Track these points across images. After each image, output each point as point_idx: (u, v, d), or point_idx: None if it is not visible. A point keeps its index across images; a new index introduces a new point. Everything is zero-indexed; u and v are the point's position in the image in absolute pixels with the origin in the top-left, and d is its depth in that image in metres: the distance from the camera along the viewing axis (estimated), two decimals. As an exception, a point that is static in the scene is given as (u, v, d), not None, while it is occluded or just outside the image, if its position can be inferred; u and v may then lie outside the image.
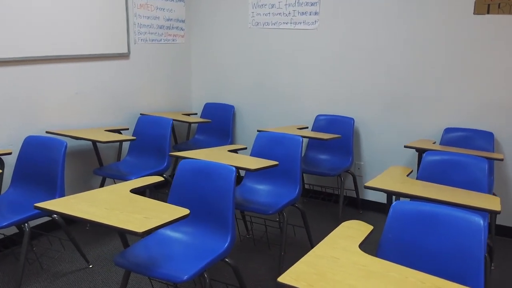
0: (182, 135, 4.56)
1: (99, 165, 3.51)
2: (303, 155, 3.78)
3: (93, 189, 3.62)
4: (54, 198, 2.66)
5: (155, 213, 1.78)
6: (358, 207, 3.95)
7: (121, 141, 3.00)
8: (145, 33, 3.94)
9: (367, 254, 1.51)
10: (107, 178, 3.63)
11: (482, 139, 3.32)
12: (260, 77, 4.23)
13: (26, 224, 2.48)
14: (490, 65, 3.27)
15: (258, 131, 3.37)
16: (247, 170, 2.35)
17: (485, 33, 3.25)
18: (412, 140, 3.63)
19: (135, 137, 3.11)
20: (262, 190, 2.97)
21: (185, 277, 1.89)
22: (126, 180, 3.18)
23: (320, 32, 3.87)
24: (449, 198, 1.94)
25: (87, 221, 1.67)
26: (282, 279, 1.27)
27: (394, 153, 3.73)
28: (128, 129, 3.69)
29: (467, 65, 3.35)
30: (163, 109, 4.29)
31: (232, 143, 4.39)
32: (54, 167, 2.70)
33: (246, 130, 4.41)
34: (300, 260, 1.41)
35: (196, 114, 4.55)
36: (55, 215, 2.65)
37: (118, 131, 3.56)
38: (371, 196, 3.93)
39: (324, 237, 3.32)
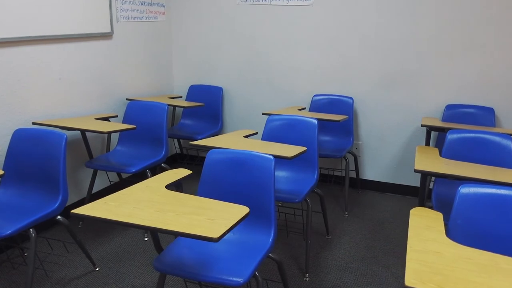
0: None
1: (89, 157, 3.20)
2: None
3: (84, 183, 3.35)
4: (57, 198, 2.37)
5: (213, 212, 1.59)
6: (358, 187, 3.92)
7: (122, 131, 2.72)
8: (127, 10, 3.60)
9: (461, 245, 1.43)
10: (98, 171, 3.33)
11: (483, 115, 3.36)
12: (250, 57, 4.03)
13: (31, 230, 2.18)
14: (490, 40, 3.29)
15: (263, 114, 3.21)
16: (283, 158, 2.19)
17: (485, 6, 3.25)
18: (412, 117, 3.62)
19: (135, 126, 2.84)
20: (280, 177, 2.82)
21: (242, 281, 1.73)
22: (125, 173, 2.94)
23: (315, 8, 3.72)
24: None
25: (150, 228, 1.45)
26: (409, 283, 1.15)
27: (393, 132, 3.71)
28: (117, 116, 3.38)
29: (466, 40, 3.35)
30: (147, 93, 3.99)
31: (222, 127, 4.19)
32: (54, 163, 2.40)
33: (237, 113, 4.21)
34: (407, 258, 1.30)
35: (181, 97, 4.28)
36: (59, 217, 2.37)
37: (106, 119, 3.25)
38: (369, 175, 3.90)
39: (335, 221, 3.28)
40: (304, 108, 3.75)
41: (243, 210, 1.62)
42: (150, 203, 1.67)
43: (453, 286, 1.15)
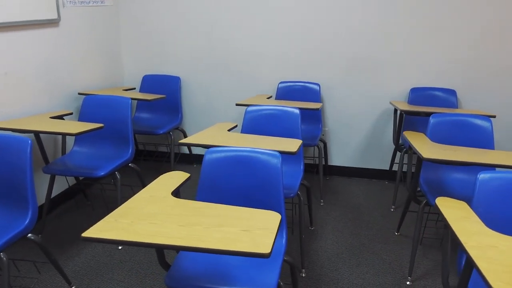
0: (119, 114, 3.94)
1: (44, 161, 2.83)
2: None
3: (39, 188, 2.96)
4: (26, 213, 2.05)
5: (244, 222, 1.43)
6: (326, 174, 3.90)
7: (91, 131, 2.41)
8: (73, -7, 3.21)
9: (509, 236, 1.41)
10: (56, 177, 2.98)
11: (446, 97, 3.46)
12: (209, 43, 3.80)
13: (2, 254, 1.86)
14: (451, 24, 3.37)
15: (237, 105, 3.04)
16: (287, 153, 2.06)
17: (448, -8, 3.33)
18: (377, 102, 3.64)
19: (103, 124, 2.53)
20: (267, 170, 2.69)
21: (270, 291, 1.59)
22: (93, 176, 2.64)
23: (278, -8, 3.59)
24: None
25: (187, 249, 1.26)
26: (498, 287, 1.09)
27: (359, 116, 3.72)
28: (72, 113, 3.02)
29: (430, 25, 3.41)
30: (98, 86, 3.63)
31: (182, 119, 3.94)
32: (19, 174, 2.06)
33: (197, 104, 3.98)
34: (474, 257, 1.24)
35: (134, 88, 3.95)
36: (30, 235, 2.06)
37: (61, 117, 2.90)
38: (335, 161, 3.89)
39: (314, 211, 3.22)
40: (271, 97, 3.63)
41: (275, 216, 1.47)
42: (167, 217, 1.46)
43: (535, 284, 1.11)
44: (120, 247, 2.73)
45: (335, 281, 2.42)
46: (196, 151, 4.13)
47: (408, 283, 2.41)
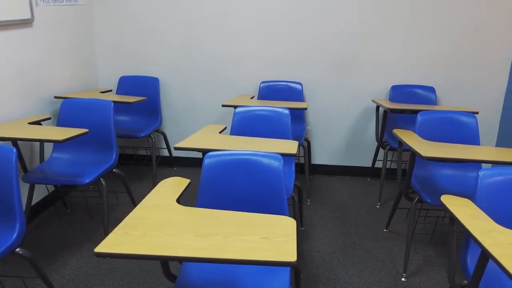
0: (95, 117, 3.80)
1: (22, 169, 2.68)
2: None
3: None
4: (13, 227, 1.93)
5: (261, 229, 1.39)
6: (309, 172, 3.90)
7: (77, 137, 2.29)
8: (46, -8, 3.06)
9: (519, 232, 1.43)
10: (36, 186, 2.83)
11: (425, 94, 3.54)
12: (188, 43, 3.72)
13: (-9, 272, 1.74)
14: (433, 24, 3.44)
15: (223, 106, 2.99)
16: (288, 155, 2.03)
17: (425, -9, 3.39)
18: (357, 100, 3.68)
19: (87, 130, 2.42)
20: (259, 172, 2.65)
21: (285, 300, 1.57)
22: (77, 184, 2.52)
23: (258, -9, 3.55)
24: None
25: (212, 260, 1.21)
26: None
27: (340, 115, 3.74)
28: (50, 118, 2.88)
29: (409, 25, 3.46)
30: (73, 88, 3.48)
31: (161, 122, 3.84)
32: (3, 185, 1.94)
33: (176, 106, 3.89)
34: (496, 255, 1.25)
35: (111, 90, 3.82)
36: (18, 249, 1.94)
37: (38, 123, 2.76)
38: (317, 159, 3.91)
39: (305, 212, 3.20)
40: (253, 97, 3.59)
41: (290, 222, 1.44)
42: (180, 226, 1.40)
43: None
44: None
45: (332, 281, 2.42)
46: (176, 153, 4.04)
47: (403, 279, 2.44)
